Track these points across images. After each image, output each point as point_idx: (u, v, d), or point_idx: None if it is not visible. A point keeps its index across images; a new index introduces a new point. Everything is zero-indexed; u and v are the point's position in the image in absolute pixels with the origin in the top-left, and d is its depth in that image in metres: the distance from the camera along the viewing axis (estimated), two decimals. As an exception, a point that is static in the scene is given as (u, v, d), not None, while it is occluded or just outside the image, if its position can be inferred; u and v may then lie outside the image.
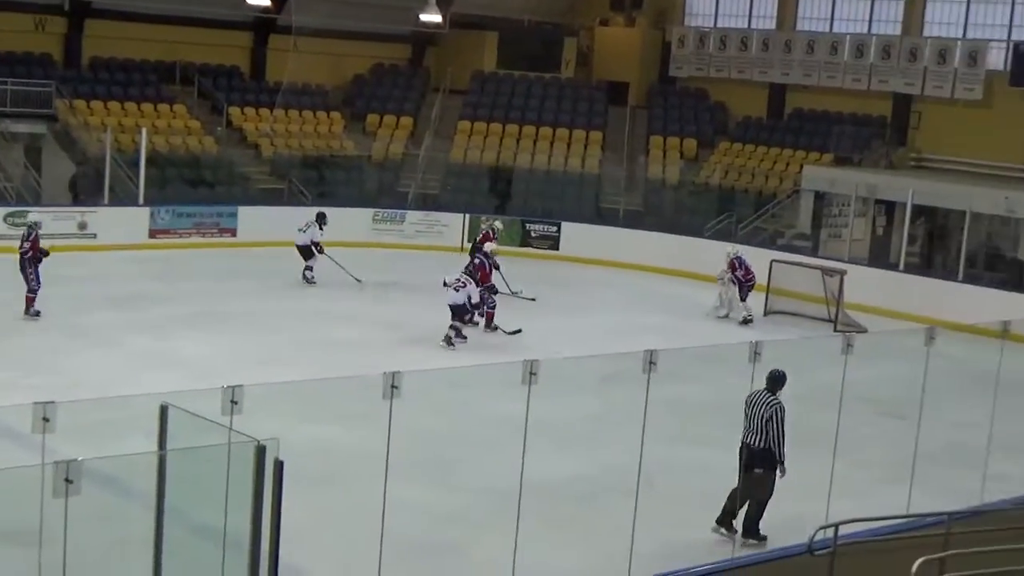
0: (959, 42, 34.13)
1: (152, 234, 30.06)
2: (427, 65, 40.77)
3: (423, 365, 17.78)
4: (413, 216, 33.47)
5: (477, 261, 24.63)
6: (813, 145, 36.13)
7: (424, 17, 36.90)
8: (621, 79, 40.16)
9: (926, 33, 35.17)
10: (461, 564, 13.13)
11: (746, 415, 13.96)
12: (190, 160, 33.64)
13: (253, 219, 31.70)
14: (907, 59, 34.77)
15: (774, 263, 27.84)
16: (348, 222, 31.80)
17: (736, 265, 26.58)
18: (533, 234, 33.44)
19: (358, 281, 27.08)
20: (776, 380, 13.93)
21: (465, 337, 22.68)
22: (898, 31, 35.66)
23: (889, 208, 32.30)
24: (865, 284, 27.71)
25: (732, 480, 13.32)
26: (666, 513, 13.98)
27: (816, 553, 12.08)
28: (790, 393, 18.53)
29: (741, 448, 13.95)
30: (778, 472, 13.80)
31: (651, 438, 11.94)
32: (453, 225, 33.37)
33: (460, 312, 22.66)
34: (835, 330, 25.31)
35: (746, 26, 38.89)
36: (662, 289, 29.70)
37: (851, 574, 12.27)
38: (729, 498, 13.93)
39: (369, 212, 33.18)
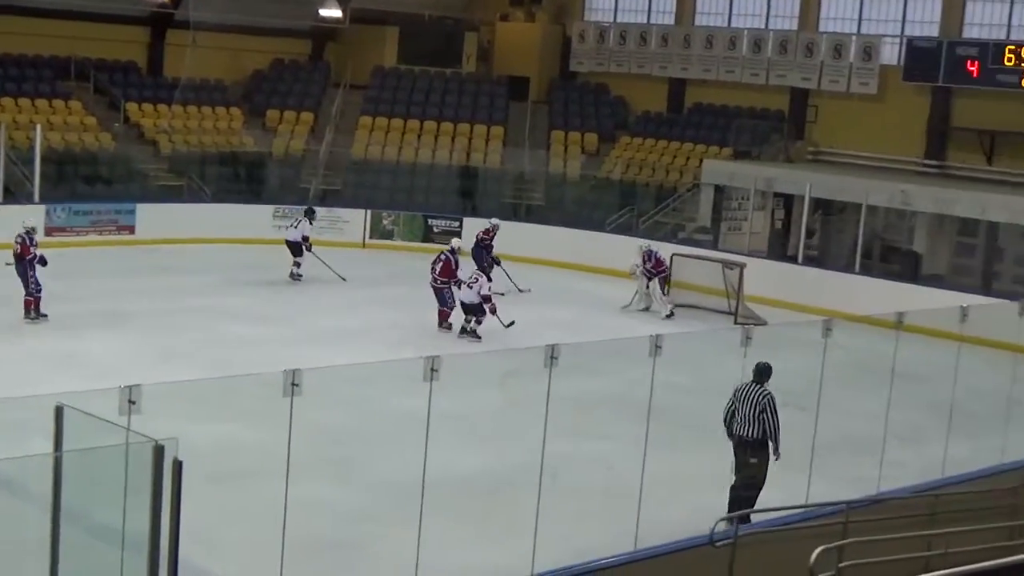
0: (854, 37, 34.60)
1: (48, 232, 29.54)
2: (327, 60, 40.54)
3: (325, 362, 17.67)
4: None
5: (444, 257, 24.29)
6: (712, 139, 36.45)
7: (324, 12, 36.73)
8: (522, 74, 40.22)
9: (822, 28, 35.61)
10: (365, 561, 13.10)
11: (735, 408, 14.46)
12: (87, 157, 33.12)
13: (152, 217, 31.31)
14: (804, 54, 35.21)
15: (675, 256, 28.08)
16: (248, 219, 31.55)
17: (647, 258, 26.84)
18: (435, 229, 33.38)
19: (343, 279, 27.23)
20: (763, 372, 14.50)
21: (480, 337, 23.28)
22: (795, 26, 36.08)
23: (788, 201, 32.67)
24: (764, 277, 28.01)
25: (636, 473, 13.36)
26: (570, 507, 14.03)
27: (717, 544, 12.21)
28: (691, 386, 18.75)
29: (734, 438, 14.49)
30: (772, 457, 14.38)
31: (554, 432, 11.98)
32: (355, 221, 33.23)
33: (474, 310, 23.26)
34: (735, 323, 25.56)
35: (646, 21, 39.10)
36: (565, 283, 29.80)
37: (752, 564, 12.42)
38: (732, 490, 14.36)
39: (270, 209, 32.89)
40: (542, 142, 37.60)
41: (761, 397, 14.36)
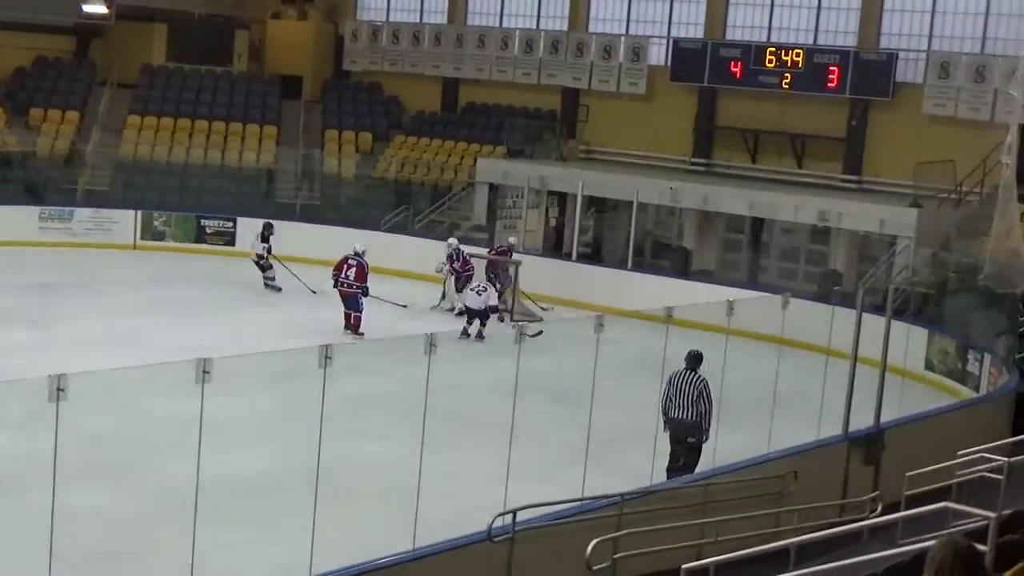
0: (622, 38, 35.25)
1: None
2: (93, 58, 39.42)
3: (94, 366, 17.20)
4: (82, 213, 32.30)
5: (354, 262, 24.53)
6: (486, 138, 36.71)
7: (88, 8, 35.73)
8: (295, 73, 39.86)
9: (592, 29, 36.18)
10: (139, 568, 12.81)
11: (668, 394, 15.73)
12: None
13: (-91, 220, 30.06)
14: (574, 54, 35.74)
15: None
16: (13, 221, 30.53)
17: (455, 257, 26.92)
18: (208, 230, 32.82)
19: (313, 292, 26.96)
20: (696, 358, 15.79)
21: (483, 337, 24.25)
22: (565, 27, 36.58)
23: (561, 199, 33.12)
24: (540, 274, 28.30)
25: (413, 472, 13.33)
26: (348, 508, 13.97)
27: (495, 540, 12.29)
28: (468, 384, 18.84)
29: (668, 422, 15.74)
30: (704, 439, 15.72)
31: (331, 433, 11.90)
32: (124, 222, 32.39)
33: (481, 315, 24.39)
34: (511, 320, 25.76)
35: (418, 20, 39.16)
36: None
37: (530, 558, 12.54)
38: (669, 471, 15.45)
39: (35, 210, 31.89)
40: (316, 141, 37.32)
41: (698, 382, 15.62)
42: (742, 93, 33.12)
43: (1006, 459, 15.16)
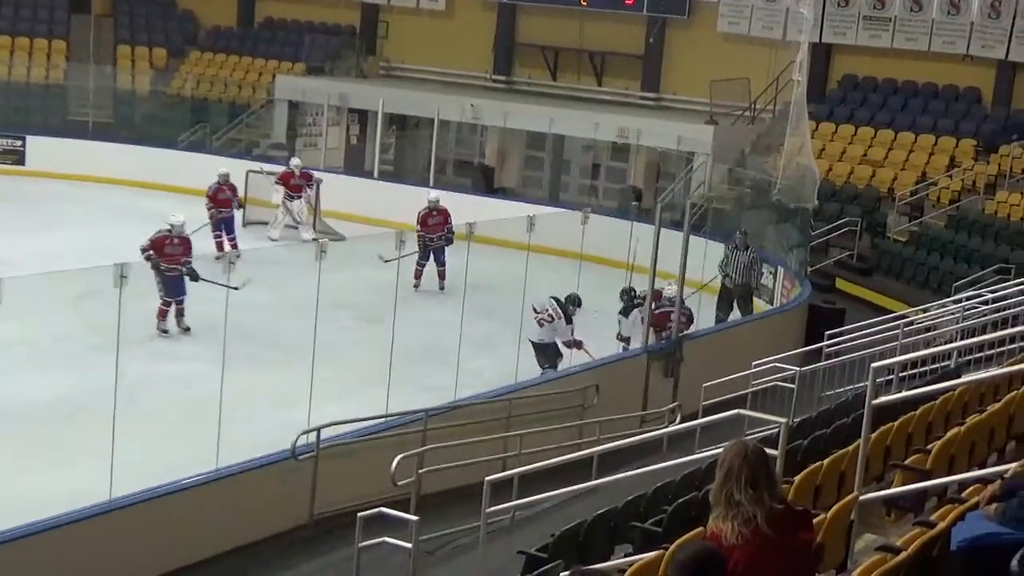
0: (422, -47, 34.93)
1: None
2: None
3: None
4: None
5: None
6: (285, 55, 36.08)
7: None
8: (84, -15, 38.53)
9: (390, -57, 35.75)
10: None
11: (727, 260, 20.97)
12: None
13: None
14: (374, -31, 35.31)
15: (250, 173, 27.72)
16: None
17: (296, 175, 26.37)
18: (-4, 149, 31.68)
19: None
20: (746, 234, 21.18)
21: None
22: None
23: (362, 117, 32.81)
24: (341, 192, 28.06)
25: (215, 393, 13.14)
26: (149, 430, 13.75)
27: (300, 458, 12.28)
28: (271, 303, 18.63)
29: (728, 279, 20.96)
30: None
31: (129, 355, 11.69)
32: (-96, 142, 31.08)
33: (548, 354, 17.29)
34: (313, 238, 25.50)
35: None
36: (137, 203, 28.87)
37: (335, 475, 12.56)
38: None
39: None
40: (108, 57, 36.19)
41: (750, 255, 20.73)
42: (541, 10, 33.17)
43: (797, 369, 15.67)
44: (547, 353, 17.18)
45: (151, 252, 18.43)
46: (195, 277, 18.26)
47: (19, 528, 10.46)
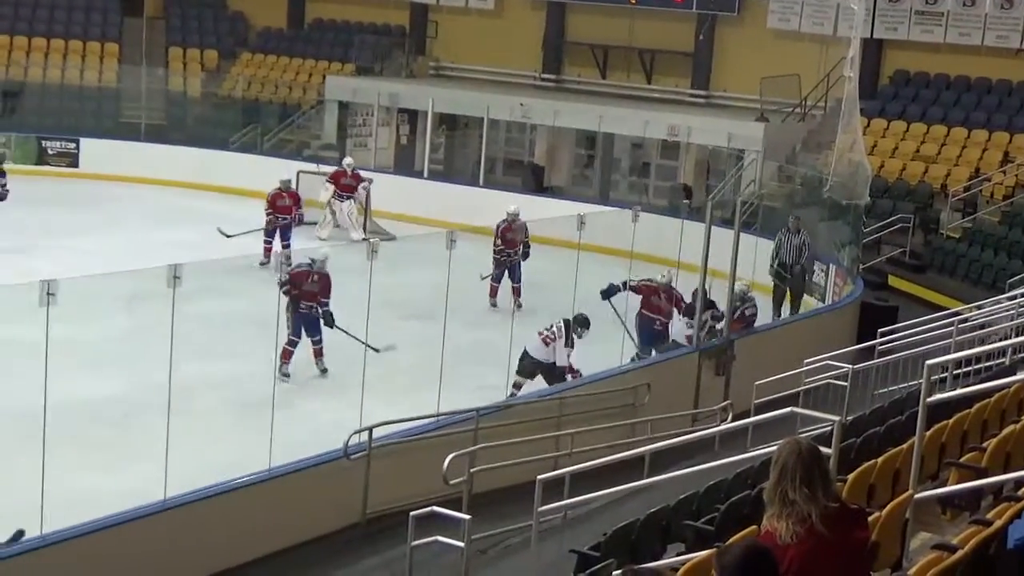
0: (471, -47, 34.95)
1: None
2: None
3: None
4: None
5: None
6: (335, 55, 36.20)
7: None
8: (135, -12, 38.79)
9: (439, -57, 35.80)
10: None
11: (780, 242, 21.30)
12: None
13: None
14: (422, -31, 35.37)
15: (301, 173, 27.83)
16: None
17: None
18: (50, 151, 31.96)
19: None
20: (799, 218, 21.49)
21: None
22: (411, -59, 36.13)
23: (412, 117, 32.88)
24: (392, 192, 28.13)
25: (268, 392, 13.19)
26: (201, 430, 13.83)
27: (352, 457, 12.32)
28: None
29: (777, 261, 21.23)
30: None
31: (183, 355, 11.76)
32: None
33: (549, 373, 16.56)
34: (364, 238, 25.56)
35: (261, -66, 38.37)
36: (189, 204, 29.09)
37: (387, 475, 12.59)
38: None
39: None
40: (160, 59, 36.47)
41: (802, 238, 21.08)
42: (591, 8, 33.12)
43: (850, 366, 15.56)
44: (553, 373, 16.35)
45: (289, 287, 16.90)
46: (331, 323, 16.82)
47: (74, 528, 10.55)
